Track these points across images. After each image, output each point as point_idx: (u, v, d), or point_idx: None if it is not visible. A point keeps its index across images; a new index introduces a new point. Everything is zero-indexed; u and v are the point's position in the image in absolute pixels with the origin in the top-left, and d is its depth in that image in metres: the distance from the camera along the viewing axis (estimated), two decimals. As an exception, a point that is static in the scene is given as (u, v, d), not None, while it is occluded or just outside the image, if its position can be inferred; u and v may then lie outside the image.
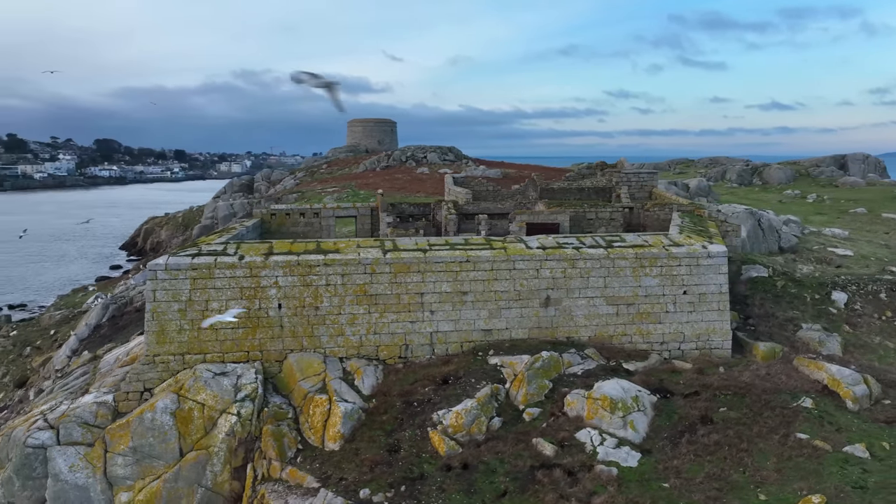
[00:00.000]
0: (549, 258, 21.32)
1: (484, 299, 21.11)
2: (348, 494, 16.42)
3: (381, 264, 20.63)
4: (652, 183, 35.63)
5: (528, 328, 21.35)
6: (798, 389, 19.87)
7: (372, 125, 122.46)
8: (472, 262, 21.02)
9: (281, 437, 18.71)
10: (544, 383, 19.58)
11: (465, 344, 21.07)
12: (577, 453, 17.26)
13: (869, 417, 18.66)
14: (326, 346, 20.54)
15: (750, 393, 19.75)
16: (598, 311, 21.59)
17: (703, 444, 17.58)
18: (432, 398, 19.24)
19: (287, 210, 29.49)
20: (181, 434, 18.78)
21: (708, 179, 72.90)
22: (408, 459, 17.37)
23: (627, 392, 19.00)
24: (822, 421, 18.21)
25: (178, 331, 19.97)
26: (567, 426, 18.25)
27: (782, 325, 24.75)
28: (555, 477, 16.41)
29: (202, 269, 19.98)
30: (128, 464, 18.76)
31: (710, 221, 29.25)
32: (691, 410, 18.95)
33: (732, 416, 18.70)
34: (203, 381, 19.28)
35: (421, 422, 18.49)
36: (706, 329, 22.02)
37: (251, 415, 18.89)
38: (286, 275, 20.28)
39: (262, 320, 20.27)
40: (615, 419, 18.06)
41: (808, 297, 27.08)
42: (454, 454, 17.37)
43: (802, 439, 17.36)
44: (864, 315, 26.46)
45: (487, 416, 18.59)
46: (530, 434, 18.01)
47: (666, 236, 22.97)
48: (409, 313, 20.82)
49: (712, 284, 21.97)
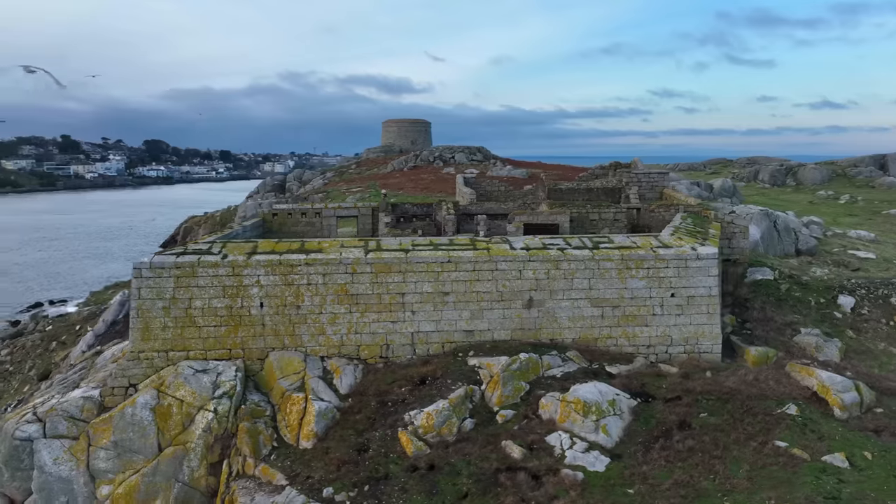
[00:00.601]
0: (532, 259, 21.14)
1: (466, 300, 21.03)
2: (312, 493, 16.54)
3: (361, 264, 20.72)
4: (663, 183, 35.03)
5: (510, 329, 21.19)
6: (785, 396, 19.36)
7: (406, 125, 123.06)
8: (454, 263, 20.96)
9: (256, 434, 18.92)
10: (520, 385, 19.42)
11: (446, 345, 21.02)
12: (545, 457, 17.06)
13: (857, 426, 18.08)
14: (308, 345, 20.71)
15: (733, 398, 19.30)
16: (583, 313, 21.32)
17: (677, 449, 17.24)
18: (407, 398, 19.25)
19: (289, 210, 29.82)
20: (160, 429, 19.14)
21: (739, 180, 71.40)
22: (375, 459, 17.41)
23: (604, 396, 18.73)
24: (804, 429, 17.71)
25: (162, 328, 20.36)
26: (539, 429, 18.07)
27: (780, 330, 24.11)
28: (518, 480, 16.26)
29: (185, 268, 20.34)
30: (109, 458, 19.20)
31: (715, 223, 28.66)
32: (670, 415, 18.59)
33: (712, 421, 18.30)
34: (183, 378, 19.62)
35: (393, 422, 18.51)
36: (695, 332, 21.57)
37: (228, 412, 19.16)
38: (268, 274, 20.51)
39: (244, 318, 20.54)
40: (587, 423, 17.82)
41: (812, 301, 26.33)
42: (421, 455, 17.34)
43: (780, 447, 16.91)
44: (871, 320, 25.62)
45: (460, 418, 18.51)
46: (500, 436, 17.87)
47: (656, 238, 22.57)
48: (390, 313, 20.86)
49: (701, 287, 21.50)
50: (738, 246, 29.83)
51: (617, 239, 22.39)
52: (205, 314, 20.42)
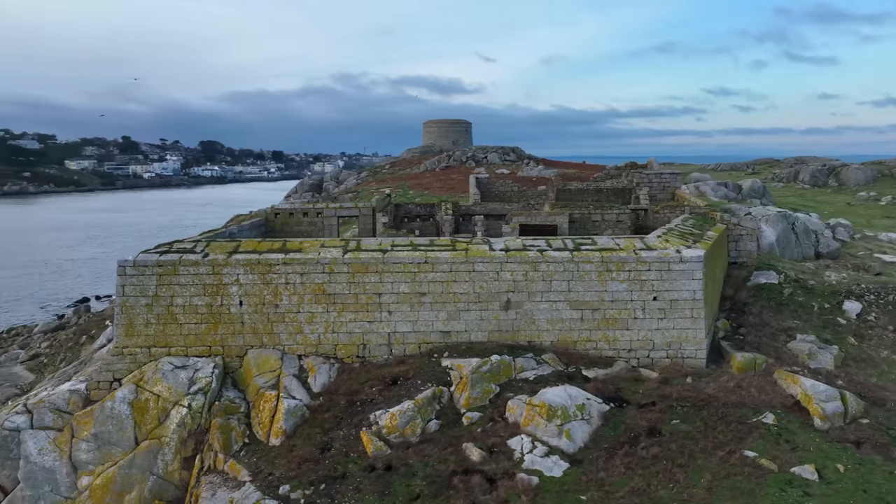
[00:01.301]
0: (509, 260, 20.98)
1: (442, 301, 21.00)
2: (269, 490, 16.75)
3: (339, 264, 20.89)
4: (675, 184, 34.29)
5: (487, 331, 21.07)
6: (764, 404, 18.82)
7: (447, 126, 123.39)
8: (431, 264, 20.95)
9: (229, 430, 19.26)
10: (490, 387, 19.30)
11: (423, 345, 21.04)
12: (504, 460, 16.93)
13: (837, 437, 17.44)
14: (286, 344, 20.99)
15: (709, 406, 18.85)
16: (562, 315, 21.05)
17: (641, 456, 16.91)
18: (376, 398, 19.32)
19: (291, 210, 30.23)
20: (137, 423, 19.66)
21: (778, 180, 69.38)
22: (335, 458, 17.54)
23: (574, 400, 18.49)
24: (778, 439, 17.18)
25: (145, 324, 20.91)
26: (502, 432, 17.93)
27: (774, 336, 23.34)
28: (472, 483, 16.17)
29: (167, 266, 20.83)
30: (90, 449, 19.81)
31: (719, 225, 27.98)
32: (640, 421, 18.24)
33: (682, 429, 17.90)
34: (161, 374, 20.12)
35: (358, 421, 18.62)
36: (678, 337, 21.08)
37: (202, 407, 19.56)
38: (247, 273, 20.86)
39: (223, 316, 20.93)
40: (551, 427, 17.61)
41: (815, 307, 25.42)
42: (381, 455, 17.39)
43: (748, 457, 16.44)
44: (878, 327, 24.60)
45: (425, 419, 18.51)
46: (463, 438, 17.80)
47: (642, 240, 22.13)
48: (366, 313, 20.98)
49: (685, 290, 20.99)
50: (746, 249, 29.07)
51: (600, 241, 22.04)
52: (186, 312, 20.88)
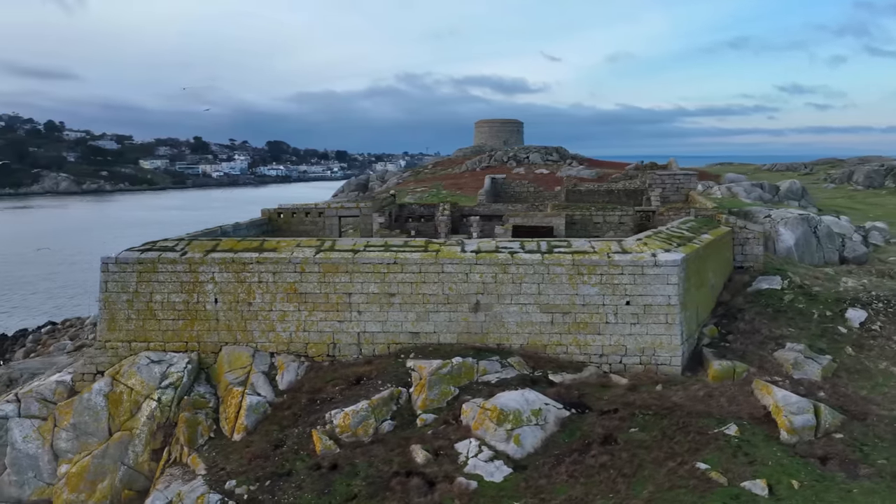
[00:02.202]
0: (478, 262, 20.83)
1: (412, 301, 21.01)
2: (216, 484, 17.12)
3: (310, 264, 21.16)
4: (690, 185, 33.28)
5: (456, 333, 20.98)
6: (731, 415, 18.20)
7: (497, 125, 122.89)
8: (400, 265, 20.99)
9: (195, 424, 19.78)
10: (449, 389, 19.22)
11: (392, 346, 21.10)
12: (447, 463, 16.86)
13: (803, 451, 16.74)
14: (258, 341, 21.40)
15: (672, 414, 18.34)
16: (531, 318, 20.77)
17: (588, 465, 16.59)
18: (336, 397, 19.50)
19: (293, 209, 30.75)
20: (111, 415, 20.41)
21: (831, 181, 66.51)
22: (285, 456, 17.78)
23: (530, 404, 18.24)
24: (737, 451, 16.60)
25: (125, 320, 21.66)
26: (453, 435, 17.84)
27: (762, 344, 22.41)
28: (410, 485, 16.18)
29: (147, 264, 21.53)
30: (69, 438, 20.66)
31: (723, 228, 27.11)
32: (597, 429, 17.88)
33: (639, 437, 17.48)
34: (136, 368, 20.81)
35: (314, 420, 18.83)
36: (651, 343, 20.51)
37: (171, 401, 20.14)
38: (222, 271, 21.36)
39: (199, 313, 21.49)
40: (500, 431, 17.41)
41: (815, 314, 24.29)
42: (328, 454, 17.55)
43: (699, 469, 15.96)
44: (881, 336, 23.33)
45: (379, 419, 18.57)
46: (412, 440, 17.79)
47: (619, 242, 21.61)
48: (336, 313, 21.19)
49: (659, 295, 20.40)
50: (752, 253, 28.05)
51: (575, 243, 21.63)
52: (164, 308, 21.54)
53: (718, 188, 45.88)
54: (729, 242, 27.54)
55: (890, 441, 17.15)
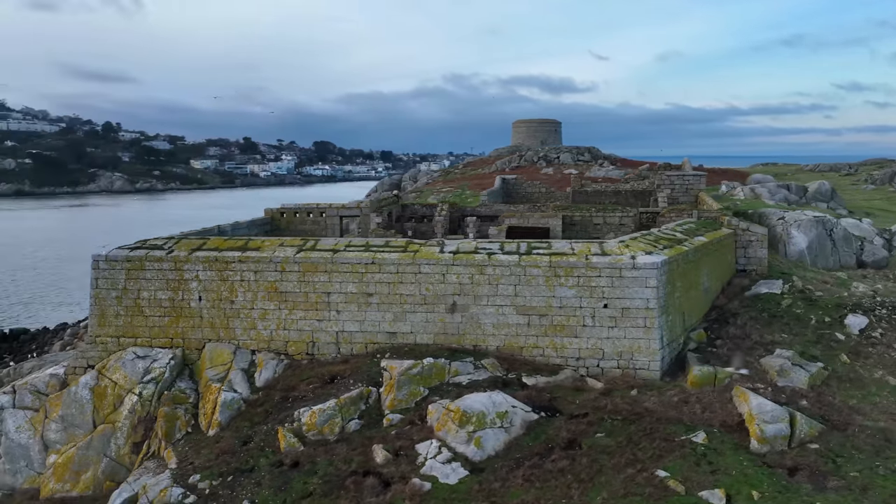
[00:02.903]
0: (455, 263, 20.78)
1: (389, 302, 21.09)
2: (181, 479, 17.46)
3: (290, 263, 21.42)
4: (699, 186, 32.52)
5: (433, 333, 20.98)
6: (703, 422, 17.78)
7: (535, 125, 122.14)
8: (378, 265, 21.08)
9: (174, 419, 20.23)
10: (418, 390, 19.22)
11: (369, 345, 21.22)
12: (405, 464, 16.87)
13: (772, 461, 16.24)
14: (240, 339, 21.76)
15: (641, 420, 18.01)
16: (508, 320, 20.63)
17: (547, 469, 16.42)
18: (308, 396, 19.69)
19: (295, 209, 31.14)
20: (96, 408, 21.02)
21: (871, 182, 64.19)
22: (251, 452, 18.04)
23: (497, 407, 18.12)
24: (701, 459, 16.23)
25: (115, 316, 22.28)
26: (416, 436, 17.84)
27: (751, 349, 21.77)
28: (364, 485, 16.25)
29: (135, 261, 22.10)
30: (58, 430, 21.36)
31: (725, 230, 26.48)
32: (563, 433, 17.67)
33: (603, 443, 17.23)
34: (122, 362, 21.39)
35: (284, 417, 19.06)
36: (629, 347, 20.16)
37: (152, 396, 20.63)
38: (206, 269, 21.79)
39: (184, 310, 21.96)
40: (461, 433, 17.34)
41: (812, 320, 23.51)
42: (292, 451, 17.74)
43: (658, 477, 15.65)
44: (881, 344, 22.45)
45: (346, 418, 18.69)
46: (375, 440, 17.86)
47: (600, 244, 21.29)
48: (316, 312, 21.40)
49: (637, 298, 20.03)
50: (755, 256, 27.32)
51: (557, 245, 21.39)
52: (151, 305, 22.08)
53: (742, 189, 44.73)
54: (730, 245, 26.87)
55: (868, 453, 16.51)
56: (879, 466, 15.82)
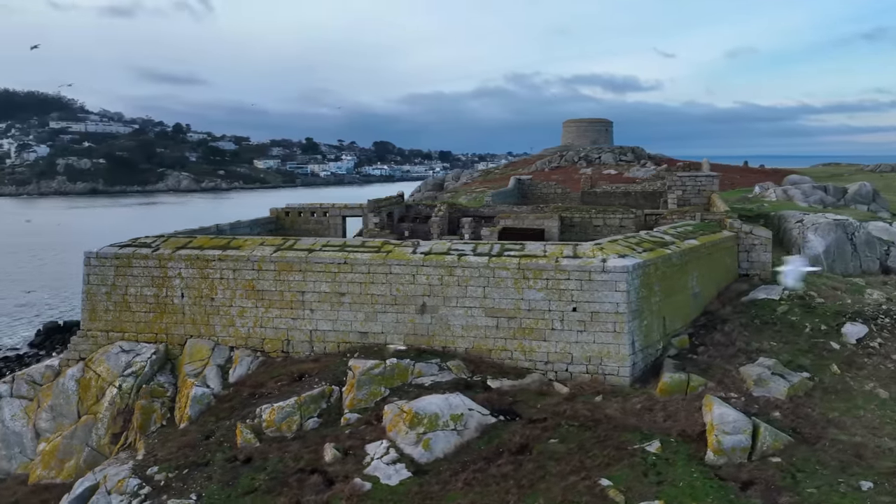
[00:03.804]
0: (425, 264, 20.74)
1: (361, 302, 21.21)
2: (140, 470, 17.96)
3: (266, 262, 21.79)
4: (712, 187, 31.48)
5: (403, 334, 20.99)
6: (662, 431, 17.33)
7: (585, 125, 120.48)
8: (350, 265, 21.23)
9: (150, 412, 20.87)
10: (378, 390, 19.27)
11: (342, 344, 21.40)
12: (353, 463, 16.95)
13: (726, 474, 15.72)
14: (220, 335, 22.26)
15: (598, 427, 17.67)
16: (477, 322, 20.47)
17: (490, 474, 16.28)
18: (274, 393, 19.99)
19: (300, 209, 31.62)
20: (80, 399, 21.85)
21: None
22: (209, 447, 18.43)
23: (453, 409, 18.04)
24: (650, 469, 15.86)
25: (104, 311, 23.11)
26: (368, 436, 17.90)
27: (732, 357, 20.95)
28: (308, 483, 16.42)
29: (123, 259, 22.88)
30: (48, 419, 22.31)
31: (726, 233, 25.67)
32: (516, 437, 17.48)
33: (554, 449, 16.98)
34: (106, 356, 22.17)
35: (247, 413, 19.39)
36: (598, 352, 19.72)
37: (131, 389, 21.31)
38: (188, 267, 22.37)
39: (168, 307, 22.61)
40: (411, 435, 17.32)
41: (807, 328, 22.48)
42: (247, 447, 18.04)
43: (600, 486, 15.37)
44: (878, 355, 21.31)
45: (305, 416, 18.89)
46: (329, 438, 17.99)
47: (574, 247, 20.88)
48: (291, 310, 21.71)
49: (607, 303, 19.57)
50: (759, 260, 26.34)
51: (529, 247, 21.09)
52: (137, 301, 22.82)
53: (774, 191, 43.09)
54: (731, 248, 25.94)
55: (833, 469, 15.75)
56: (841, 483, 15.07)
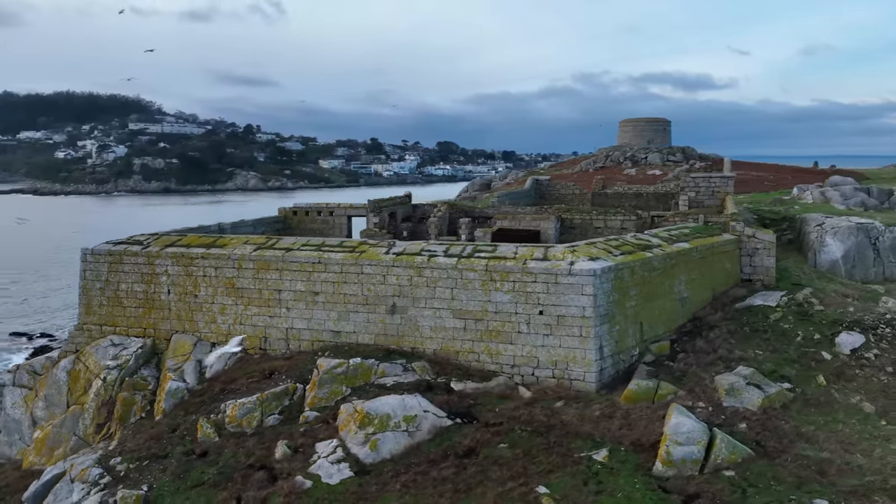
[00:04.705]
0: (395, 265, 20.72)
1: (334, 301, 21.36)
2: (105, 460, 18.61)
3: (246, 260, 22.19)
4: (726, 189, 30.29)
5: (374, 334, 21.04)
6: (614, 439, 16.94)
7: (642, 125, 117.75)
8: (324, 264, 21.41)
9: (131, 404, 21.56)
10: (340, 389, 19.36)
11: (315, 343, 21.59)
12: (300, 461, 17.15)
13: (672, 486, 15.32)
14: (202, 331, 22.80)
15: (550, 433, 17.41)
16: (445, 323, 20.32)
17: (431, 477, 16.24)
18: (242, 389, 20.33)
19: (306, 208, 32.06)
20: (70, 390, 22.75)
21: None
22: (172, 440, 18.92)
23: (407, 410, 18.02)
24: (591, 478, 15.59)
25: (99, 305, 23.99)
26: (321, 434, 18.06)
27: (710, 365, 20.10)
28: (252, 478, 16.69)
29: (115, 256, 23.70)
30: (43, 408, 23.32)
31: (726, 237, 24.79)
32: (466, 441, 17.38)
33: (501, 453, 16.83)
34: (96, 349, 23.02)
35: (213, 409, 19.80)
36: (564, 356, 19.30)
37: (115, 381, 22.04)
38: (174, 265, 23.00)
39: (155, 302, 23.30)
40: (359, 435, 17.37)
41: (799, 337, 21.41)
42: (206, 441, 18.45)
43: (536, 493, 15.24)
44: (871, 367, 20.11)
45: (266, 413, 19.15)
46: (283, 436, 18.19)
47: (545, 249, 20.48)
48: (268, 308, 22.05)
49: (573, 306, 19.11)
50: (762, 265, 25.27)
51: (501, 248, 20.79)
52: (128, 296, 23.60)
53: (811, 192, 41.17)
54: (731, 252, 24.93)
55: (788, 485, 15.07)
56: (793, 500, 14.41)
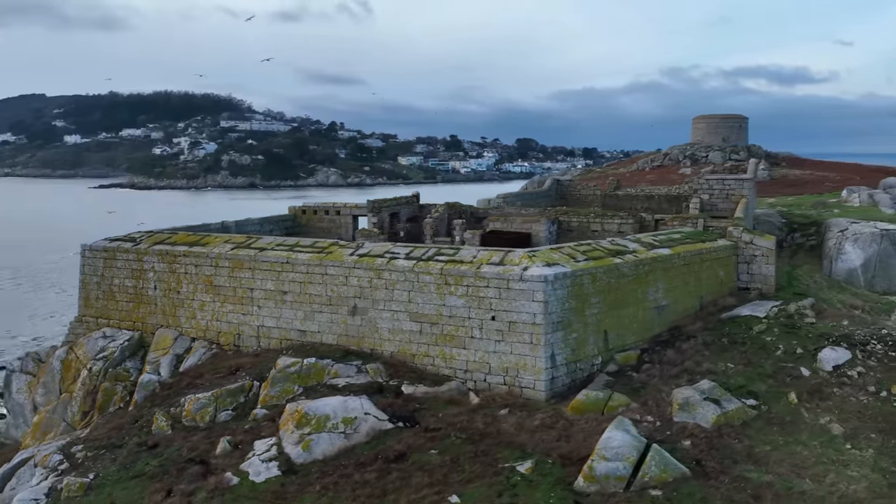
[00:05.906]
0: (356, 266, 20.82)
1: (300, 300, 21.68)
2: (68, 447, 19.53)
3: (222, 259, 22.81)
4: (741, 191, 28.78)
5: (337, 334, 21.23)
6: (544, 451, 16.62)
7: (717, 122, 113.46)
8: (291, 264, 21.74)
9: (111, 394, 22.56)
10: (291, 388, 19.63)
11: (283, 341, 21.97)
12: (237, 458, 17.52)
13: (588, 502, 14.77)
14: (184, 327, 23.59)
15: (483, 440, 17.24)
16: (402, 326, 20.28)
17: (354, 480, 16.35)
18: (206, 384, 20.90)
19: (315, 207, 32.59)
20: (62, 378, 23.99)
21: None
22: (130, 431, 19.68)
23: (348, 412, 18.14)
24: (508, 490, 15.46)
25: (96, 299, 25.21)
26: (263, 432, 18.37)
27: (673, 377, 19.21)
28: (187, 472, 17.18)
29: (110, 252, 24.83)
30: (42, 394, 24.70)
31: (721, 242, 23.78)
32: (398, 445, 17.38)
33: (429, 459, 16.81)
34: (87, 340, 24.17)
35: (174, 402, 20.44)
36: (515, 363, 18.91)
37: (99, 371, 23.10)
38: (160, 262, 23.90)
39: (143, 298, 24.28)
40: (295, 434, 17.59)
41: (779, 350, 20.20)
42: (159, 434, 19.10)
43: (448, 503, 14.98)
44: (852, 385, 18.75)
45: (220, 409, 19.63)
46: (228, 432, 18.60)
47: (505, 253, 20.08)
48: (242, 306, 22.60)
49: (524, 313, 18.70)
50: (759, 273, 24.04)
51: (461, 252, 20.55)
52: (120, 291, 24.70)
53: (859, 196, 38.67)
54: (725, 259, 23.77)
55: (714, 509, 14.33)
56: (713, 527, 13.68)
